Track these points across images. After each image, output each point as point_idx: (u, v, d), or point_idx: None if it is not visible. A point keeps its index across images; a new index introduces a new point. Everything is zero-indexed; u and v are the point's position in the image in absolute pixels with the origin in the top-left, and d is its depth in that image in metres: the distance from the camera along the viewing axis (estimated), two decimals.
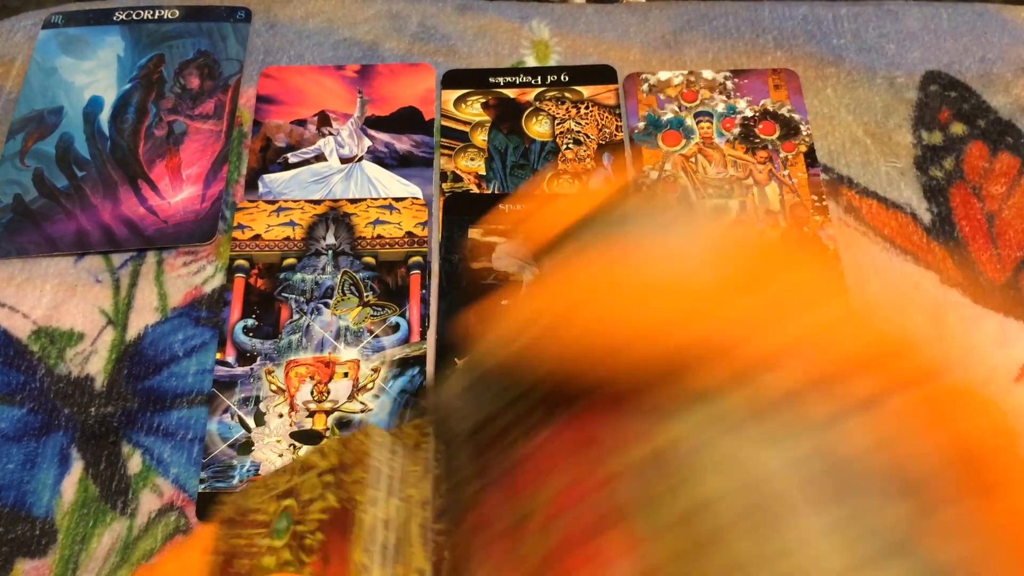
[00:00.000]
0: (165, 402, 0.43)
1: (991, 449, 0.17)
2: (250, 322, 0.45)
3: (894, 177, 0.50)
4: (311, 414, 0.43)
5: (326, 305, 0.46)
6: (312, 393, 0.43)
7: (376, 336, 0.45)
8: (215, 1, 0.57)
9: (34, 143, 0.51)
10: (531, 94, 0.53)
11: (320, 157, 0.51)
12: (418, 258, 0.47)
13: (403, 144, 0.51)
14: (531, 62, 0.54)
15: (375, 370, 0.44)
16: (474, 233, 0.48)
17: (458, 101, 0.53)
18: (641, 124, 0.51)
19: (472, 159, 0.51)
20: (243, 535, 0.21)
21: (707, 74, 0.53)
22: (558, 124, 0.52)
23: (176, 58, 0.54)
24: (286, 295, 0.46)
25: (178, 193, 0.49)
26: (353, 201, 0.49)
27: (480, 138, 0.51)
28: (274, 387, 0.44)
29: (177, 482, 0.41)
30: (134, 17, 0.56)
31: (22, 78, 0.54)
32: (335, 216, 0.48)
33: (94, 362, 0.44)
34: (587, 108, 0.52)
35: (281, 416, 0.43)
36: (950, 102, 0.52)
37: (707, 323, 0.17)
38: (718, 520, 0.16)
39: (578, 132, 0.51)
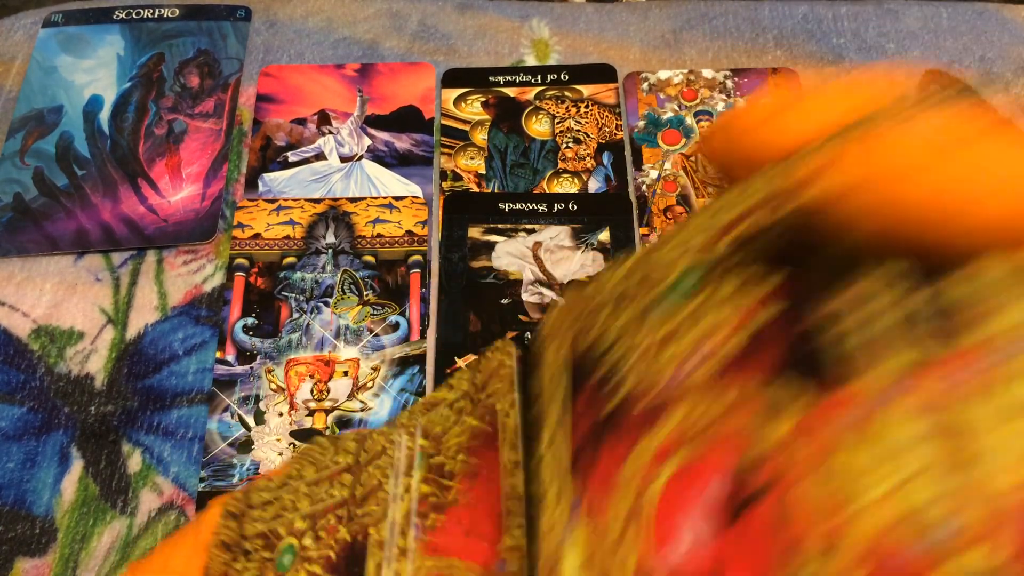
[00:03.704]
0: (165, 401, 0.43)
1: None
2: (250, 321, 0.45)
3: None
4: (311, 413, 0.43)
5: (326, 304, 0.46)
6: (312, 392, 0.43)
7: (376, 335, 0.45)
8: (215, 0, 0.57)
9: (34, 142, 0.51)
10: (531, 93, 0.53)
11: (320, 156, 0.51)
12: (418, 257, 0.47)
13: (403, 143, 0.51)
14: (531, 61, 0.54)
15: (375, 369, 0.44)
16: (474, 232, 0.48)
17: (458, 100, 0.53)
18: (641, 123, 0.51)
19: (472, 158, 0.51)
20: (242, 569, 0.19)
21: (707, 73, 0.53)
22: (558, 123, 0.52)
23: (176, 57, 0.54)
24: (286, 294, 0.46)
25: (178, 192, 0.49)
26: (353, 200, 0.49)
27: (480, 137, 0.51)
28: (274, 386, 0.44)
29: (177, 481, 0.41)
30: (134, 16, 0.56)
31: (22, 77, 0.54)
32: (335, 215, 0.48)
33: (94, 361, 0.44)
34: (587, 107, 0.52)
35: (281, 415, 0.43)
36: None
37: None
38: None
39: (578, 131, 0.51)
